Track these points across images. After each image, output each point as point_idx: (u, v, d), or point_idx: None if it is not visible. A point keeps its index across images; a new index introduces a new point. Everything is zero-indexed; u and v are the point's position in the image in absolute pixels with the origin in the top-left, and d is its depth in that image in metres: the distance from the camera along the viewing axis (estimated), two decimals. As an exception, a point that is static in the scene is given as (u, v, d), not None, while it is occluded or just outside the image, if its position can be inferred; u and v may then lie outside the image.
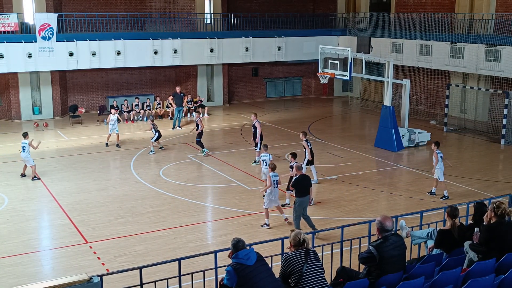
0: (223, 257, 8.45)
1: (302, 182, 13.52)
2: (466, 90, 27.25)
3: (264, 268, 6.77)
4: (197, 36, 29.60)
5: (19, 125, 27.30)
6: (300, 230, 7.17)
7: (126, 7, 30.84)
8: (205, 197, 17.22)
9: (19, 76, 27.66)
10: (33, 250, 13.09)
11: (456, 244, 8.45)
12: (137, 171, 19.35)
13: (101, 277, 6.80)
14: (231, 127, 27.14)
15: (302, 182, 13.53)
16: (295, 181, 13.67)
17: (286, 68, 35.66)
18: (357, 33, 31.93)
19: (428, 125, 26.92)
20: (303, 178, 13.63)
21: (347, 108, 32.94)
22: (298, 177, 13.68)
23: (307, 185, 13.60)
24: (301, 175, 13.74)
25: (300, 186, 13.47)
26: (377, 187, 17.68)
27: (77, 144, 23.48)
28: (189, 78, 32.07)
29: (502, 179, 18.84)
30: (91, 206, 15.94)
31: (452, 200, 16.06)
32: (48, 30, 24.70)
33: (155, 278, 8.62)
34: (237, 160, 20.72)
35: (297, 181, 13.58)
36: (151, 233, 13.95)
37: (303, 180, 13.59)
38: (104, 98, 30.73)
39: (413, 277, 7.22)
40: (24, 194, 17.01)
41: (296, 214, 13.48)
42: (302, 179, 13.59)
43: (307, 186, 13.60)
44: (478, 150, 23.06)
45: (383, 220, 7.35)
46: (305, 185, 13.55)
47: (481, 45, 24.50)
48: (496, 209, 7.84)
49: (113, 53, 27.08)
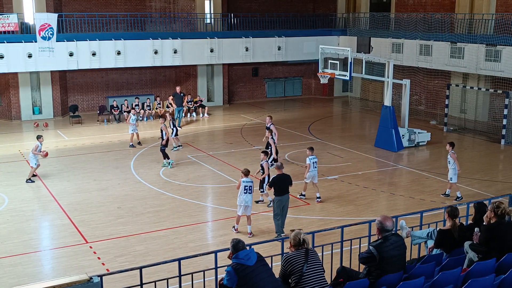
0: (223, 257, 8.45)
1: (279, 182, 13.47)
2: (466, 90, 27.25)
3: (264, 269, 6.76)
4: (197, 36, 29.61)
5: (19, 125, 27.31)
6: (300, 230, 7.16)
7: (126, 7, 30.84)
8: (205, 197, 17.22)
9: (19, 76, 27.66)
10: (33, 250, 13.09)
11: (456, 244, 8.45)
12: (137, 171, 19.35)
13: (101, 277, 6.79)
14: (231, 127, 27.13)
15: (279, 182, 13.47)
16: (272, 180, 13.71)
17: (286, 68, 35.66)
18: (357, 33, 31.93)
19: (428, 125, 26.92)
20: (280, 178, 13.54)
21: (347, 108, 32.94)
22: (276, 176, 13.64)
23: (286, 184, 13.53)
24: (279, 174, 13.60)
25: (278, 186, 13.44)
26: (377, 187, 17.68)
27: (77, 144, 23.48)
28: (189, 78, 32.07)
29: (502, 179, 18.85)
30: (91, 206, 15.95)
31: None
32: (48, 30, 24.70)
33: (155, 278, 8.62)
34: (237, 160, 20.72)
35: (273, 180, 13.61)
36: (151, 233, 13.95)
37: (281, 179, 13.51)
38: (104, 98, 30.73)
39: (413, 277, 7.22)
40: (24, 194, 17.01)
41: (274, 212, 13.56)
42: (279, 178, 13.51)
43: (286, 185, 13.52)
44: (478, 150, 23.06)
45: (383, 220, 7.35)
46: (283, 184, 13.49)
47: (481, 45, 24.50)
48: (495, 209, 7.84)
49: (113, 53, 27.08)
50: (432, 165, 20.31)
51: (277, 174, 13.71)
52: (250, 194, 13.50)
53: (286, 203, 13.60)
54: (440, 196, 16.56)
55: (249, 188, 13.43)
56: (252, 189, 13.52)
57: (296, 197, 16.30)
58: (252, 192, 13.54)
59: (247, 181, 13.44)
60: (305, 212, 15.42)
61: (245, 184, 13.42)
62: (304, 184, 16.45)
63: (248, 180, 13.48)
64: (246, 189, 13.43)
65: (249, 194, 13.47)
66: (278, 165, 13.96)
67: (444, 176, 17.95)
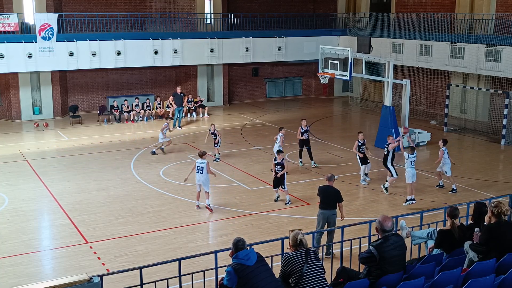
0: (223, 257, 8.46)
1: (320, 193, 12.57)
2: (466, 90, 27.26)
3: (264, 269, 6.76)
4: (197, 36, 29.61)
5: (19, 125, 27.32)
6: (298, 231, 7.16)
7: (126, 7, 30.84)
8: (205, 197, 17.18)
9: (20, 76, 27.67)
10: (34, 250, 13.09)
11: (456, 244, 8.45)
12: (138, 171, 19.35)
13: (101, 277, 6.80)
14: (231, 127, 27.13)
15: (321, 193, 12.55)
16: (318, 189, 12.79)
17: (286, 68, 35.66)
18: (357, 33, 31.93)
19: (428, 125, 26.92)
20: (323, 189, 12.58)
21: (347, 108, 32.94)
22: (321, 186, 12.77)
23: (328, 198, 12.39)
24: (324, 185, 12.71)
25: (320, 197, 12.55)
26: (377, 187, 17.67)
27: (77, 144, 23.48)
28: (189, 78, 32.08)
29: (503, 179, 18.85)
30: (92, 206, 15.95)
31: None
32: (48, 30, 24.72)
33: (155, 278, 8.63)
34: (237, 160, 20.72)
35: (318, 190, 12.74)
36: (152, 233, 13.96)
37: (323, 191, 12.55)
38: (104, 98, 30.73)
39: (413, 277, 7.22)
40: (24, 194, 17.01)
41: (318, 227, 12.49)
42: (321, 190, 12.59)
43: (329, 199, 12.38)
44: (478, 150, 23.05)
45: (383, 220, 7.36)
46: (324, 197, 12.43)
47: (481, 45, 24.50)
48: (493, 209, 7.85)
49: (113, 53, 27.08)
50: (432, 165, 20.25)
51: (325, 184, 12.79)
52: (202, 174, 15.08)
53: (330, 219, 12.39)
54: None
55: (201, 168, 15.10)
56: (204, 169, 15.06)
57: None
58: (203, 172, 15.05)
59: (200, 162, 15.20)
60: (305, 212, 15.41)
61: (197, 165, 15.21)
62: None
63: (202, 161, 15.19)
64: (198, 169, 15.15)
65: (201, 174, 15.09)
66: (328, 176, 12.80)
67: (444, 176, 18.00)
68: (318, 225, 12.52)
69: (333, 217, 12.36)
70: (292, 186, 17.44)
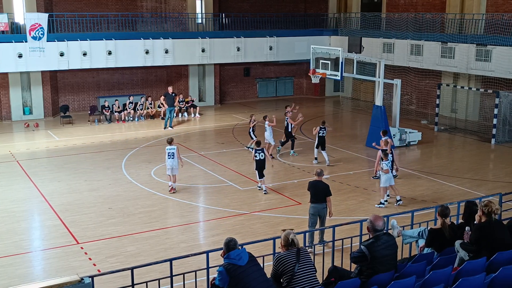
0: (215, 257, 8.46)
1: (310, 188, 12.82)
2: (457, 90, 27.40)
3: (256, 268, 6.76)
4: (188, 36, 29.57)
5: (10, 126, 27.16)
6: (290, 230, 7.17)
7: (117, 7, 30.73)
8: (197, 197, 17.19)
9: (10, 76, 27.51)
10: (24, 251, 13.02)
11: (447, 243, 8.49)
12: (129, 172, 19.30)
13: (93, 278, 6.78)
14: (222, 127, 27.11)
15: (311, 188, 12.81)
16: (309, 184, 13.03)
17: (277, 68, 35.69)
18: (349, 33, 31.98)
19: (419, 124, 27.02)
20: (312, 184, 12.84)
21: (338, 108, 33.01)
22: (311, 181, 13.04)
23: (317, 192, 12.66)
24: (313, 180, 12.95)
25: (311, 192, 12.79)
26: (368, 186, 17.72)
27: (68, 144, 23.38)
28: (181, 78, 32.02)
29: (493, 178, 18.95)
30: (82, 206, 15.88)
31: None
32: (39, 30, 24.58)
33: (146, 278, 8.60)
34: (229, 160, 20.71)
35: (308, 185, 13.00)
36: (143, 234, 13.92)
37: (312, 186, 12.81)
38: (95, 98, 30.62)
39: (404, 276, 7.24)
40: (15, 195, 16.91)
41: (310, 222, 12.86)
42: (311, 185, 12.85)
43: (318, 194, 12.64)
44: (468, 150, 23.17)
45: (375, 219, 7.38)
46: (314, 192, 12.71)
47: (471, 45, 24.65)
48: (484, 208, 7.90)
49: (104, 53, 26.99)
50: (423, 165, 20.40)
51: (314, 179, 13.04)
52: (173, 159, 16.62)
53: (321, 213, 12.72)
54: (430, 193, 16.65)
55: (172, 154, 16.63)
56: (174, 155, 16.60)
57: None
58: (174, 157, 16.60)
59: (170, 148, 16.69)
60: (296, 212, 15.42)
61: (168, 151, 16.69)
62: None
63: (171, 147, 16.70)
64: (169, 155, 16.64)
65: (172, 159, 16.62)
66: (318, 171, 12.95)
67: (436, 175, 18.13)
68: (310, 222, 12.85)
69: (324, 210, 12.81)
70: (282, 186, 17.46)
